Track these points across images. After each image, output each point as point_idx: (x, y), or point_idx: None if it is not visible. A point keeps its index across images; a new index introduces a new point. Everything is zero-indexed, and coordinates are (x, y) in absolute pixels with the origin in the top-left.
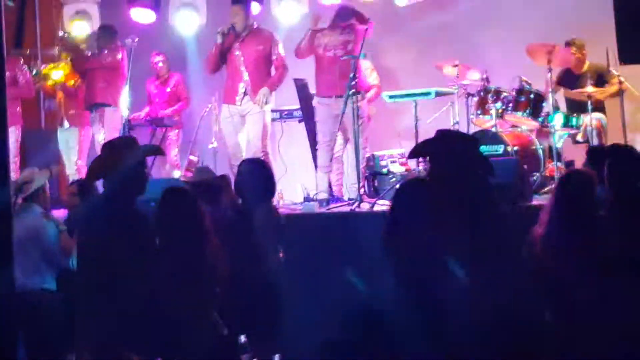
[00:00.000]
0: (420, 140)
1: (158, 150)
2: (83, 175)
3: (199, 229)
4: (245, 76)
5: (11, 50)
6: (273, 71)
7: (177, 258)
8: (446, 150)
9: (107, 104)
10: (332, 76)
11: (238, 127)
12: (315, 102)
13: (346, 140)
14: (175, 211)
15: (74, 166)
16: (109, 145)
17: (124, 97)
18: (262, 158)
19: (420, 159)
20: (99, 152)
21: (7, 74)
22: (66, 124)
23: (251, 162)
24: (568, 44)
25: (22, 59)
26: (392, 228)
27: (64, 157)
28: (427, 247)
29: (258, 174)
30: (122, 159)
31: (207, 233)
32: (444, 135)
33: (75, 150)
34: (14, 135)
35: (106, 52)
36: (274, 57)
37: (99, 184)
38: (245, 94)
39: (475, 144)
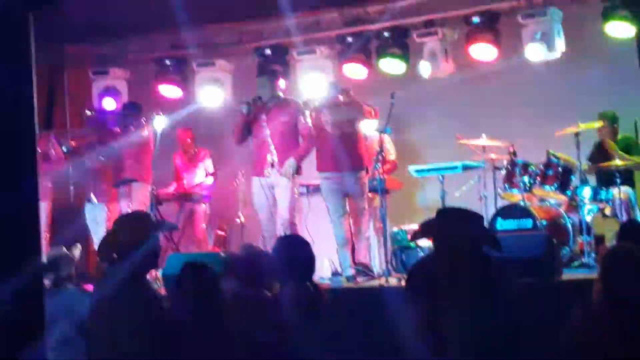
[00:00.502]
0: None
1: (172, 226)
2: None
3: (216, 308)
4: (272, 148)
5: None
6: (301, 141)
7: (191, 338)
8: (448, 229)
9: (135, 179)
10: (338, 151)
11: (269, 199)
12: (320, 177)
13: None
14: (192, 288)
15: None
16: (120, 221)
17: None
18: (290, 230)
19: None
20: None
21: (39, 150)
22: (94, 199)
23: (288, 239)
24: (600, 117)
25: (53, 135)
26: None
27: (92, 233)
28: (432, 327)
29: (294, 252)
30: (134, 235)
31: (226, 312)
32: (445, 214)
33: (103, 226)
34: (44, 211)
35: (133, 128)
36: (300, 127)
37: None
38: (272, 165)
39: (479, 220)
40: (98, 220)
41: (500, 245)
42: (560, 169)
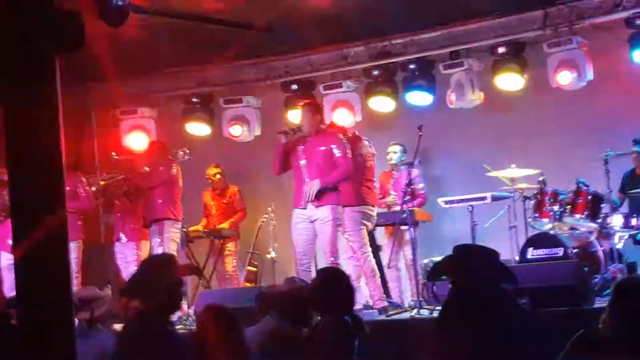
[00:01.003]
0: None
1: (195, 270)
2: None
3: (236, 352)
4: (307, 178)
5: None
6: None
7: None
8: (464, 267)
9: (166, 218)
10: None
11: (306, 232)
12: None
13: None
14: (212, 330)
15: None
16: (145, 263)
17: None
18: (332, 265)
19: None
20: None
21: (68, 188)
22: (123, 238)
23: (328, 272)
24: (635, 143)
25: (82, 174)
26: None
27: (122, 272)
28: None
29: (334, 285)
30: (159, 277)
31: (244, 356)
32: (460, 252)
33: (133, 264)
34: (75, 251)
35: (161, 168)
36: (336, 156)
37: None
38: (308, 197)
39: (493, 256)
40: (128, 259)
41: (516, 279)
42: (589, 196)
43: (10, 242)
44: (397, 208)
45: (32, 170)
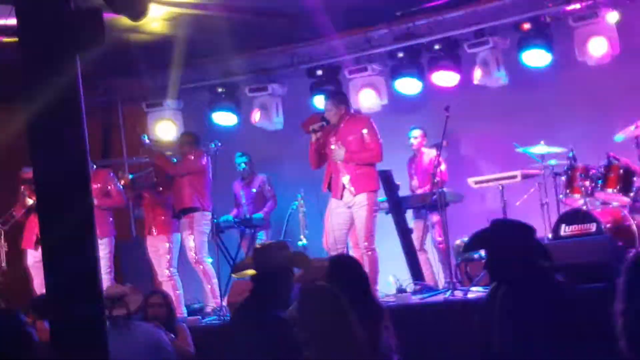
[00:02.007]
0: None
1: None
2: (176, 284)
3: (344, 327)
4: (342, 168)
5: (97, 161)
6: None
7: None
8: (500, 240)
9: (196, 208)
10: None
11: (343, 217)
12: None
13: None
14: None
15: (166, 273)
16: (260, 248)
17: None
18: (369, 254)
19: None
20: (190, 259)
21: (98, 185)
22: (154, 231)
23: (340, 260)
24: None
25: (112, 170)
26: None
27: (155, 265)
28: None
29: (345, 273)
30: (271, 262)
31: (355, 330)
32: (497, 226)
33: (165, 257)
34: (108, 247)
35: (192, 157)
36: (367, 141)
37: None
38: (344, 187)
39: (530, 232)
40: (160, 252)
41: (550, 257)
42: (621, 170)
43: (34, 239)
44: (420, 191)
45: (56, 167)
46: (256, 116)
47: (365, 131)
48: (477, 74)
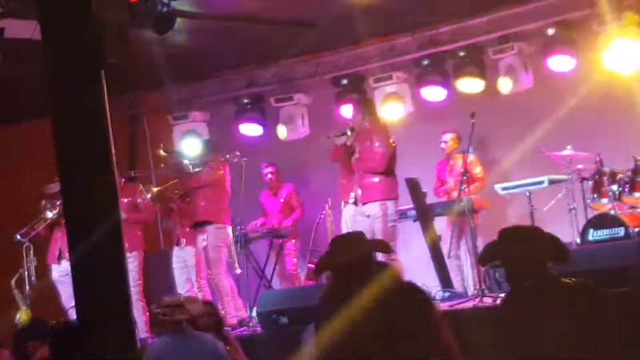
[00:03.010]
0: None
1: (386, 247)
2: (207, 295)
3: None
4: (357, 177)
5: (125, 173)
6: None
7: None
8: (508, 250)
9: (209, 221)
10: None
11: (363, 226)
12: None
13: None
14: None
15: (196, 284)
16: (337, 240)
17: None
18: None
19: None
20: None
21: (129, 199)
22: (183, 242)
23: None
24: None
25: (141, 185)
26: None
27: (177, 278)
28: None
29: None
30: (350, 254)
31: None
32: (503, 235)
33: (194, 269)
34: (136, 260)
35: (207, 169)
36: (375, 148)
37: None
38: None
39: (538, 235)
40: (189, 263)
41: (566, 255)
42: None
43: (57, 253)
44: (455, 194)
45: (84, 181)
46: (282, 133)
47: (376, 138)
48: (504, 81)
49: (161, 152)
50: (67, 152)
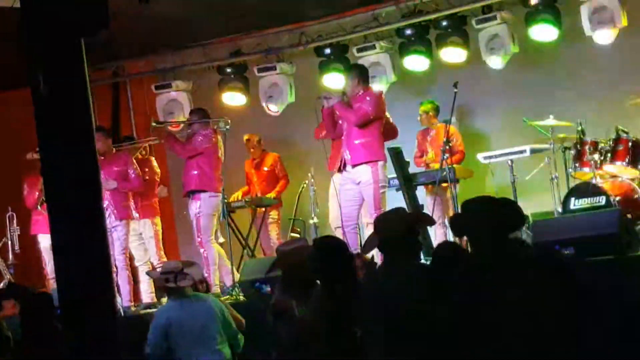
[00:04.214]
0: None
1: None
2: None
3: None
4: (345, 142)
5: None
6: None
7: None
8: (470, 221)
9: (202, 190)
10: None
11: (352, 194)
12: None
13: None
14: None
15: (156, 257)
16: (382, 217)
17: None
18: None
19: None
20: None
21: (120, 169)
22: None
23: (323, 241)
24: None
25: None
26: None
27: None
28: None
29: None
30: (395, 228)
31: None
32: (465, 207)
33: (152, 240)
34: (125, 229)
35: (199, 138)
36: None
37: None
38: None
39: (500, 205)
40: (145, 236)
41: (522, 222)
42: (630, 143)
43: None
44: (436, 166)
45: (64, 151)
46: (269, 107)
47: (367, 100)
48: (486, 50)
49: (153, 123)
50: (47, 122)
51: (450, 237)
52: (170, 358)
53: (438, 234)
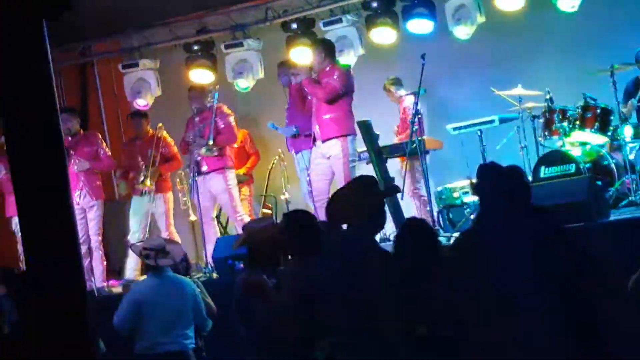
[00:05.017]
0: None
1: (397, 189)
2: None
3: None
4: (314, 117)
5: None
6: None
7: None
8: (484, 185)
9: (228, 166)
10: None
11: (322, 168)
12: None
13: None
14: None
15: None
16: (351, 186)
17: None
18: None
19: None
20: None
21: (90, 149)
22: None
23: (295, 215)
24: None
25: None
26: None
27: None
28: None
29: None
30: (365, 199)
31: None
32: (480, 171)
33: (163, 216)
34: (99, 210)
35: (227, 123)
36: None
37: None
38: (316, 136)
39: (512, 172)
40: (157, 211)
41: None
42: (598, 110)
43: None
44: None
45: (28, 134)
46: (233, 79)
47: (335, 76)
48: (452, 20)
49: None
50: (11, 106)
51: (421, 212)
52: (132, 340)
53: (416, 204)
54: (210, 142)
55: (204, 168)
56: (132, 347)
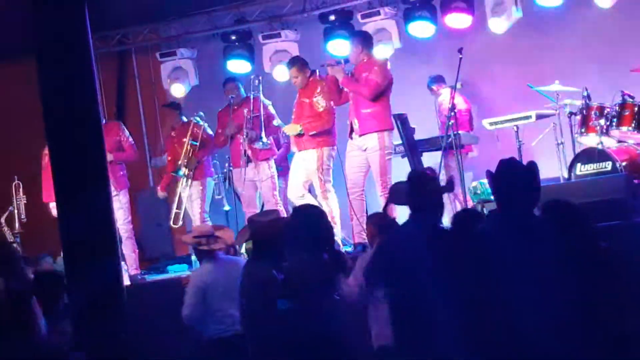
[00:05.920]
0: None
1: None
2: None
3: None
4: (352, 110)
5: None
6: None
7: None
8: (497, 182)
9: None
10: None
11: (357, 161)
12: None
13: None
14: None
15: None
16: (413, 175)
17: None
18: (384, 195)
19: None
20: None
21: (113, 139)
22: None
23: (303, 210)
24: None
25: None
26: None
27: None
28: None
29: (309, 223)
30: (426, 188)
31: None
32: (500, 166)
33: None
34: (124, 198)
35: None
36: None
37: None
38: (353, 129)
39: (521, 169)
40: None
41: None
42: (636, 108)
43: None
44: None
45: (68, 119)
46: (271, 69)
47: (374, 70)
48: (490, 15)
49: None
50: (52, 90)
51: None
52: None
53: (447, 200)
54: (264, 137)
55: (253, 159)
56: (200, 336)
